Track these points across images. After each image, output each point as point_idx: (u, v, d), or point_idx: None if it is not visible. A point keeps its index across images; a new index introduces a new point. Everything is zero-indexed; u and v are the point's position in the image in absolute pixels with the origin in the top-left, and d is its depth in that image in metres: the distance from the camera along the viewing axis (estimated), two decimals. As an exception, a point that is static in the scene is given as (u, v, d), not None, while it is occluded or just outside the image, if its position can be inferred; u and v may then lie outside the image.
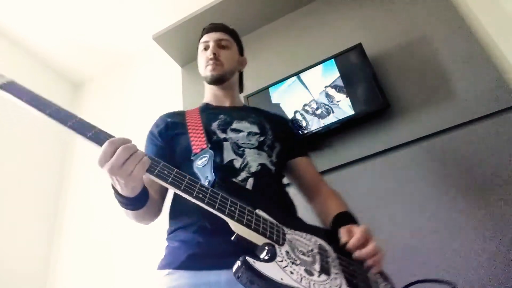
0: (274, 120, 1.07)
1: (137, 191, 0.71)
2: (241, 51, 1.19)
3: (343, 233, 0.76)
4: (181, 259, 0.75)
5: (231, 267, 0.62)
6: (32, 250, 2.01)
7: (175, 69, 2.18)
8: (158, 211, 0.88)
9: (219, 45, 1.09)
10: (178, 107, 1.91)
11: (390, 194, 1.28)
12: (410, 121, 1.38)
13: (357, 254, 0.72)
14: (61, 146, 2.42)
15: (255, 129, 0.96)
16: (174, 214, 0.88)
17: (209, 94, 1.12)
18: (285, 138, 1.02)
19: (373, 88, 1.42)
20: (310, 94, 1.55)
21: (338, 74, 1.52)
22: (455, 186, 1.21)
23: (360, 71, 1.48)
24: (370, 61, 1.48)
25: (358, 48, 1.52)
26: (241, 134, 0.93)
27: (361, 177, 1.37)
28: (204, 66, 1.08)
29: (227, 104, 1.09)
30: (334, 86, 1.51)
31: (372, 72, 1.45)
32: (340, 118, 1.44)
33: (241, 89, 1.21)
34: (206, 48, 1.10)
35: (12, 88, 0.69)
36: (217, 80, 1.07)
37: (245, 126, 0.96)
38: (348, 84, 1.49)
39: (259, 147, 0.92)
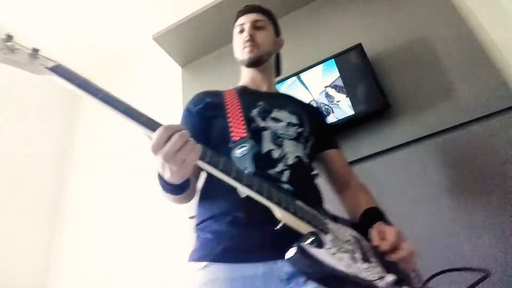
0: (310, 110, 1.06)
1: (186, 177, 0.69)
2: (277, 32, 1.16)
3: (374, 236, 0.75)
4: (216, 252, 0.74)
5: (267, 260, 0.62)
6: (32, 250, 2.01)
7: (175, 69, 2.18)
8: (194, 192, 0.87)
9: (254, 26, 1.07)
10: (178, 107, 1.91)
11: (390, 194, 1.28)
12: (410, 121, 1.38)
13: (391, 258, 0.71)
14: (62, 145, 2.42)
15: (294, 119, 0.94)
16: (204, 203, 0.87)
17: (246, 77, 1.10)
18: (319, 130, 1.02)
19: (373, 88, 1.42)
20: (310, 94, 1.55)
21: (338, 74, 1.52)
22: (455, 186, 1.21)
23: (360, 71, 1.48)
24: (370, 61, 1.48)
25: (358, 48, 1.52)
26: (280, 124, 0.91)
27: (361, 177, 1.37)
28: (241, 49, 1.06)
29: (264, 88, 1.07)
30: (334, 86, 1.51)
31: (372, 72, 1.45)
32: (340, 118, 1.44)
33: (278, 72, 1.19)
34: (241, 31, 1.08)
35: (62, 71, 0.67)
36: (255, 63, 1.05)
37: (285, 116, 0.94)
38: (348, 84, 1.49)
39: (297, 138, 0.91)
